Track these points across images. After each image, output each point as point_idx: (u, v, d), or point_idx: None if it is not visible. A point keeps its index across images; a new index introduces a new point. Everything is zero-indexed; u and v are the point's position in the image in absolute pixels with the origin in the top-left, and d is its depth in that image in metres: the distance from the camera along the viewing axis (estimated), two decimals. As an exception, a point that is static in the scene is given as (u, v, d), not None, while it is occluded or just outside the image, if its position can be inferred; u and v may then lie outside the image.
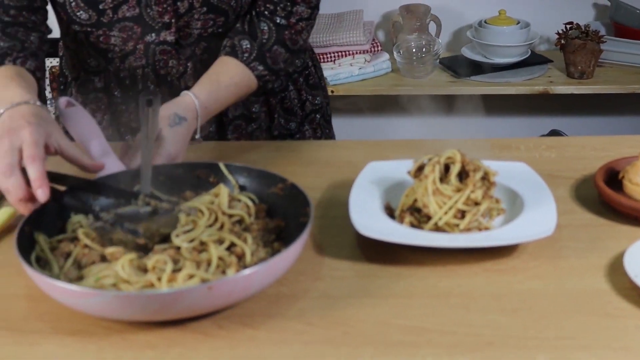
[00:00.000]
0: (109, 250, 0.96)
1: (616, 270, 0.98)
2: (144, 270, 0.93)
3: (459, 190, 1.04)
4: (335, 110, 1.79)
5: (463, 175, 1.05)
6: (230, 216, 1.04)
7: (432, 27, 2.71)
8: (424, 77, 2.64)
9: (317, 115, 1.52)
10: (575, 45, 2.54)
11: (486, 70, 2.64)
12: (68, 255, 0.98)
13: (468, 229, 1.03)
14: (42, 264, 0.97)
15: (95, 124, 1.19)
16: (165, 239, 0.99)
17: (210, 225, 1.01)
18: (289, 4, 1.32)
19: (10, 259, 1.05)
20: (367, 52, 2.63)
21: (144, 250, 0.97)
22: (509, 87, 2.59)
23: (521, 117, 2.91)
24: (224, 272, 0.93)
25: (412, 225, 1.05)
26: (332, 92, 2.55)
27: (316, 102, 1.52)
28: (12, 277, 1.01)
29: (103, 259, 0.97)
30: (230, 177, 1.12)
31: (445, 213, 1.03)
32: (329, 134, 1.57)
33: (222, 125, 1.43)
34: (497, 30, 2.62)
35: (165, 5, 1.29)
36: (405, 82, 2.62)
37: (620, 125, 2.88)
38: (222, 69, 1.29)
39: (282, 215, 1.06)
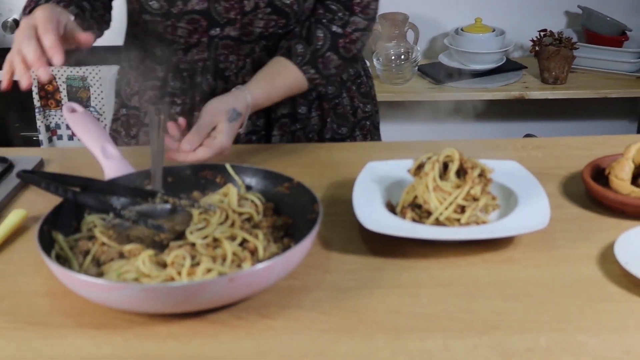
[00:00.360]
0: (128, 247, 1.00)
1: (607, 259, 1.04)
2: (163, 265, 0.97)
3: (458, 186, 1.10)
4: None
5: (460, 172, 1.11)
6: (240, 214, 1.08)
7: (410, 35, 2.77)
8: (403, 83, 2.70)
9: (367, 122, 1.57)
10: (549, 52, 2.61)
11: (463, 77, 2.70)
12: (87, 252, 1.02)
13: (467, 223, 1.09)
14: (62, 262, 1.00)
15: (101, 127, 1.22)
16: (179, 236, 1.03)
17: (222, 223, 1.05)
18: (347, 13, 1.37)
19: (25, 258, 1.09)
20: (348, 59, 2.67)
21: (160, 247, 1.01)
22: (486, 93, 2.65)
23: (497, 122, 2.97)
24: (239, 266, 0.98)
25: (414, 220, 1.10)
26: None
27: (366, 109, 1.56)
28: (30, 275, 1.05)
29: (121, 255, 1.01)
30: (236, 177, 1.16)
31: (446, 208, 1.08)
32: (377, 140, 1.62)
33: (269, 121, 1.48)
34: (473, 37, 2.69)
35: (232, 2, 1.34)
36: (384, 88, 2.68)
37: (592, 129, 2.96)
38: (278, 69, 1.36)
39: (290, 213, 1.11)
